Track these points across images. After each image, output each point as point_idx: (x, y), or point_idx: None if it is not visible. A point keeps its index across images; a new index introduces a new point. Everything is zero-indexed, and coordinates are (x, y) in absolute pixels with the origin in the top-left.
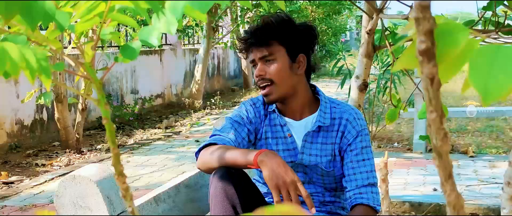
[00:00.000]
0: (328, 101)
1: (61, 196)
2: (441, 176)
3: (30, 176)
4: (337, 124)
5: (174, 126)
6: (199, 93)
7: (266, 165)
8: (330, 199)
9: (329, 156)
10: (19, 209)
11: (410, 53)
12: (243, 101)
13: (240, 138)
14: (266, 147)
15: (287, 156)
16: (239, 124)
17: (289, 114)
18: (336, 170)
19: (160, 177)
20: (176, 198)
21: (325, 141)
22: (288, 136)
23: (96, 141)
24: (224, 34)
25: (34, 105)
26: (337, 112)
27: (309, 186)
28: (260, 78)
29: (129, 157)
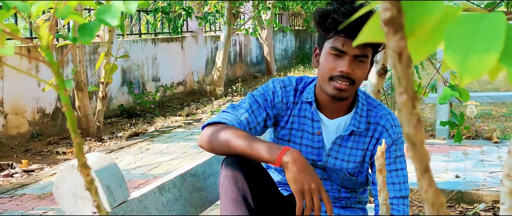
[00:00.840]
0: (365, 102)
1: (60, 186)
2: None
3: (50, 164)
4: (372, 130)
5: (195, 113)
6: (220, 80)
7: (290, 167)
8: (346, 195)
9: (357, 162)
10: (37, 197)
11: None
12: (272, 79)
13: (254, 122)
14: (289, 138)
15: (309, 153)
16: (258, 106)
17: (325, 110)
18: (360, 177)
19: (179, 164)
20: (182, 187)
21: (355, 146)
22: (317, 133)
23: (117, 128)
24: (245, 21)
25: (55, 93)
26: (373, 116)
27: (326, 182)
28: (345, 76)
29: (149, 145)
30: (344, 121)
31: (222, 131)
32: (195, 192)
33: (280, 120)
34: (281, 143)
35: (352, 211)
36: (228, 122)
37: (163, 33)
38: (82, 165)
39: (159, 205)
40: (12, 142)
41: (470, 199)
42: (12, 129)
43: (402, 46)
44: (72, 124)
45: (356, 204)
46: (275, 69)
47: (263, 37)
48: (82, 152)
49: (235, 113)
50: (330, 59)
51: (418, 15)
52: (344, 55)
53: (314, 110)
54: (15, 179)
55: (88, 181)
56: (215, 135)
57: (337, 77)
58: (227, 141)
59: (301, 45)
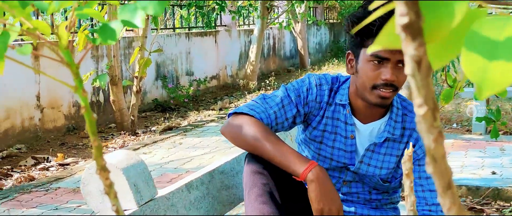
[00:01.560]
0: (400, 105)
1: (88, 184)
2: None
3: (85, 158)
4: (407, 136)
5: (228, 107)
6: (253, 74)
7: (314, 186)
8: (377, 196)
9: (390, 168)
10: (72, 191)
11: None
12: (309, 74)
13: (283, 118)
14: (321, 140)
15: (342, 157)
16: (290, 101)
17: (359, 114)
18: (393, 182)
19: (211, 159)
20: (210, 185)
21: (389, 152)
22: (350, 137)
23: (151, 122)
24: (279, 14)
25: (90, 87)
26: (408, 122)
27: (357, 184)
28: (390, 84)
29: (182, 139)
30: (377, 126)
31: (248, 127)
32: (223, 189)
33: (312, 119)
34: (312, 144)
35: (383, 211)
36: (256, 114)
37: (196, 28)
38: (101, 168)
39: (187, 203)
40: (48, 135)
41: (507, 196)
42: (48, 123)
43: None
44: (91, 126)
45: (387, 205)
46: (309, 63)
47: (297, 31)
48: (101, 155)
49: (265, 105)
50: (371, 68)
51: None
52: (387, 62)
53: (348, 113)
54: (51, 172)
55: (107, 184)
56: (241, 130)
57: (381, 86)
58: (252, 140)
59: (335, 39)
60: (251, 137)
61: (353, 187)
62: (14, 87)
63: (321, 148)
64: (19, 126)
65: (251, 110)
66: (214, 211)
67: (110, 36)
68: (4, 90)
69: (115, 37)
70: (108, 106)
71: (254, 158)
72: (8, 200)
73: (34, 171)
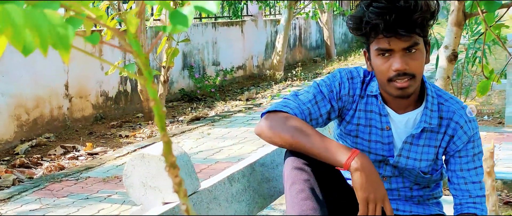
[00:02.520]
0: (435, 94)
1: (130, 176)
2: None
3: (114, 147)
4: (445, 126)
5: (255, 98)
6: (280, 64)
7: (358, 174)
8: (418, 192)
9: (430, 160)
10: (102, 180)
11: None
12: (340, 69)
13: (317, 114)
14: (356, 134)
15: (379, 149)
16: (323, 97)
17: (392, 105)
18: (434, 175)
19: (240, 150)
20: (251, 178)
21: (427, 143)
22: (386, 128)
23: (178, 112)
24: (305, 4)
25: (118, 77)
26: (445, 111)
27: (398, 179)
28: (402, 73)
29: (210, 129)
30: (413, 116)
31: (284, 123)
32: (264, 182)
33: (346, 113)
34: (348, 138)
35: (426, 206)
36: (290, 110)
37: (223, 17)
38: (170, 165)
39: (229, 195)
40: (76, 124)
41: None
42: (76, 112)
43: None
44: (161, 120)
45: (430, 199)
46: (335, 54)
47: (323, 21)
48: (170, 151)
49: (298, 101)
50: (381, 61)
51: None
52: (393, 52)
53: (381, 104)
54: (80, 161)
55: (177, 182)
56: (277, 127)
57: (395, 77)
58: (289, 136)
59: None
60: (288, 132)
61: (394, 182)
62: (44, 76)
63: (357, 142)
64: (48, 115)
65: (284, 106)
66: (255, 204)
67: (181, 22)
68: (34, 79)
69: (186, 23)
70: (135, 96)
71: (293, 153)
72: (39, 189)
73: (63, 160)
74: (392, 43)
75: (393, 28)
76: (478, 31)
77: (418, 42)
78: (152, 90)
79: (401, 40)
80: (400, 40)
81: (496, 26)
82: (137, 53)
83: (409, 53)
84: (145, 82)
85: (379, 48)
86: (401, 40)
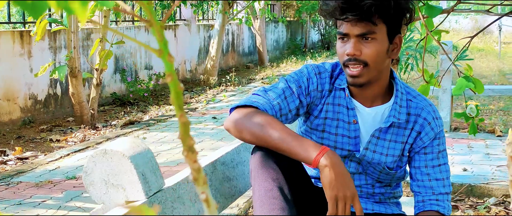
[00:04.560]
0: (404, 91)
1: (91, 173)
2: None
3: (45, 152)
4: (412, 122)
5: (189, 103)
6: (214, 69)
7: (328, 172)
8: (380, 190)
9: (396, 156)
10: (35, 185)
11: None
12: (306, 65)
13: (286, 109)
14: (323, 128)
15: (346, 143)
16: (292, 93)
17: (360, 98)
18: (398, 171)
19: (178, 154)
20: (213, 176)
21: (394, 139)
22: (353, 122)
23: (110, 116)
24: (239, 10)
25: (47, 79)
26: (413, 107)
27: (360, 176)
28: (353, 58)
29: (146, 133)
30: (381, 110)
31: (253, 118)
32: (225, 181)
33: (314, 108)
34: (314, 134)
35: (386, 205)
36: (260, 105)
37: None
38: (188, 149)
39: (192, 194)
40: (3, 128)
41: (480, 192)
42: (4, 115)
43: None
44: (178, 98)
45: (390, 199)
46: (268, 60)
47: (256, 27)
48: (188, 134)
49: (267, 97)
50: (339, 45)
51: None
52: (348, 37)
53: (348, 97)
54: (10, 166)
55: (196, 168)
56: (245, 121)
57: (347, 62)
58: (259, 131)
59: (292, 36)
60: (257, 128)
61: (356, 179)
62: None
63: (324, 136)
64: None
65: (254, 102)
66: (217, 204)
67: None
68: None
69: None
70: (65, 99)
71: (261, 150)
72: None
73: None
74: (347, 28)
75: (343, 12)
76: (410, 38)
77: (374, 31)
78: (168, 64)
79: (358, 25)
80: (355, 26)
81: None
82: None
83: (365, 41)
84: (161, 55)
85: (338, 32)
86: (358, 26)
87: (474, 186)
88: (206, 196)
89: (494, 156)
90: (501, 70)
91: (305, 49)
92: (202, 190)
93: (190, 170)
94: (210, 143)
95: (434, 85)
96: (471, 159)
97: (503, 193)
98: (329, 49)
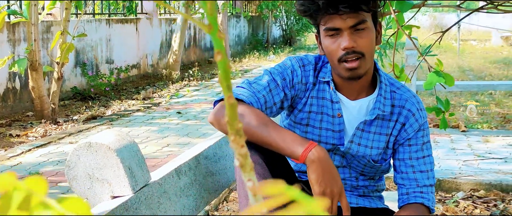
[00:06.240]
0: (388, 82)
1: (74, 167)
2: None
3: (5, 147)
4: (397, 113)
5: (152, 97)
6: (176, 64)
7: (315, 167)
8: (364, 183)
9: (381, 148)
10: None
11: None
12: (290, 57)
13: (271, 102)
14: (307, 122)
15: (330, 137)
16: (276, 85)
17: (345, 91)
18: (384, 164)
19: (144, 149)
20: (197, 171)
21: (379, 131)
22: (337, 115)
23: (71, 111)
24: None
25: (6, 73)
26: (397, 99)
27: (344, 170)
28: (351, 52)
29: (109, 128)
30: (366, 102)
31: (238, 111)
32: (208, 176)
33: (298, 101)
34: (298, 128)
35: (370, 199)
36: (245, 98)
37: (117, 14)
38: (235, 133)
39: (177, 189)
40: None
41: (448, 187)
42: None
43: None
44: (226, 78)
45: (374, 192)
46: (230, 55)
47: (218, 22)
48: (236, 116)
49: (252, 89)
50: (330, 42)
51: None
52: (340, 31)
53: (332, 90)
54: None
55: (243, 154)
56: None
57: (344, 56)
58: (245, 125)
59: (254, 32)
60: (242, 121)
61: (340, 172)
62: None
63: (308, 130)
64: None
65: (238, 95)
66: (201, 199)
67: None
68: None
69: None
70: (24, 93)
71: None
72: None
73: None
74: (338, 22)
75: (335, 5)
76: None
77: (365, 20)
78: (218, 40)
79: (347, 18)
80: (346, 18)
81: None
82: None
83: (358, 32)
84: (211, 31)
85: (327, 28)
86: (347, 18)
87: (442, 181)
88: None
89: (460, 151)
90: (460, 67)
91: (268, 45)
92: (248, 176)
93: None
94: (176, 138)
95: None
96: (437, 154)
97: (470, 187)
98: (290, 45)
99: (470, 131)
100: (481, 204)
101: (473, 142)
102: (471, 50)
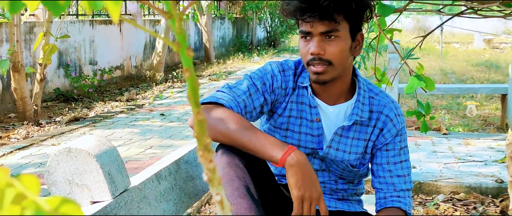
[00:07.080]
0: (367, 88)
1: (53, 172)
2: None
3: None
4: (375, 119)
5: (135, 99)
6: (160, 65)
7: (295, 172)
8: (343, 186)
9: (359, 153)
10: None
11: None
12: (270, 62)
13: (251, 107)
14: (287, 126)
15: (309, 141)
16: (256, 90)
17: (323, 96)
18: (362, 169)
19: (127, 151)
20: (177, 175)
21: (357, 136)
22: (316, 120)
23: (54, 112)
24: (186, 6)
25: None
26: (375, 104)
27: (324, 173)
28: (317, 58)
29: (92, 130)
30: (344, 108)
31: (218, 115)
32: (189, 180)
33: (278, 106)
34: (278, 132)
35: (349, 203)
36: (225, 102)
37: (100, 15)
38: (204, 148)
39: (157, 194)
40: None
41: (429, 189)
42: None
43: None
44: (194, 94)
45: (352, 196)
46: (214, 57)
47: (202, 24)
48: (204, 132)
49: (232, 94)
50: (302, 44)
51: None
52: (311, 36)
53: (310, 95)
54: None
55: (211, 169)
56: (211, 119)
57: (311, 61)
58: (224, 128)
59: (238, 33)
60: (222, 126)
61: (320, 176)
62: None
63: (287, 135)
64: None
65: (219, 99)
66: (181, 203)
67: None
68: None
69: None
70: (7, 95)
71: (226, 148)
72: None
73: None
74: (309, 26)
75: (303, 12)
76: None
77: (337, 29)
78: (186, 58)
79: (322, 24)
80: (318, 24)
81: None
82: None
83: (328, 39)
84: (179, 49)
85: (300, 31)
86: (319, 25)
87: (423, 183)
88: (221, 197)
89: (441, 154)
90: (442, 70)
91: (252, 47)
92: (216, 191)
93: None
94: (159, 141)
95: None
96: (418, 156)
97: (451, 190)
98: (275, 46)
99: (451, 134)
100: (461, 206)
101: (454, 144)
102: (453, 53)
